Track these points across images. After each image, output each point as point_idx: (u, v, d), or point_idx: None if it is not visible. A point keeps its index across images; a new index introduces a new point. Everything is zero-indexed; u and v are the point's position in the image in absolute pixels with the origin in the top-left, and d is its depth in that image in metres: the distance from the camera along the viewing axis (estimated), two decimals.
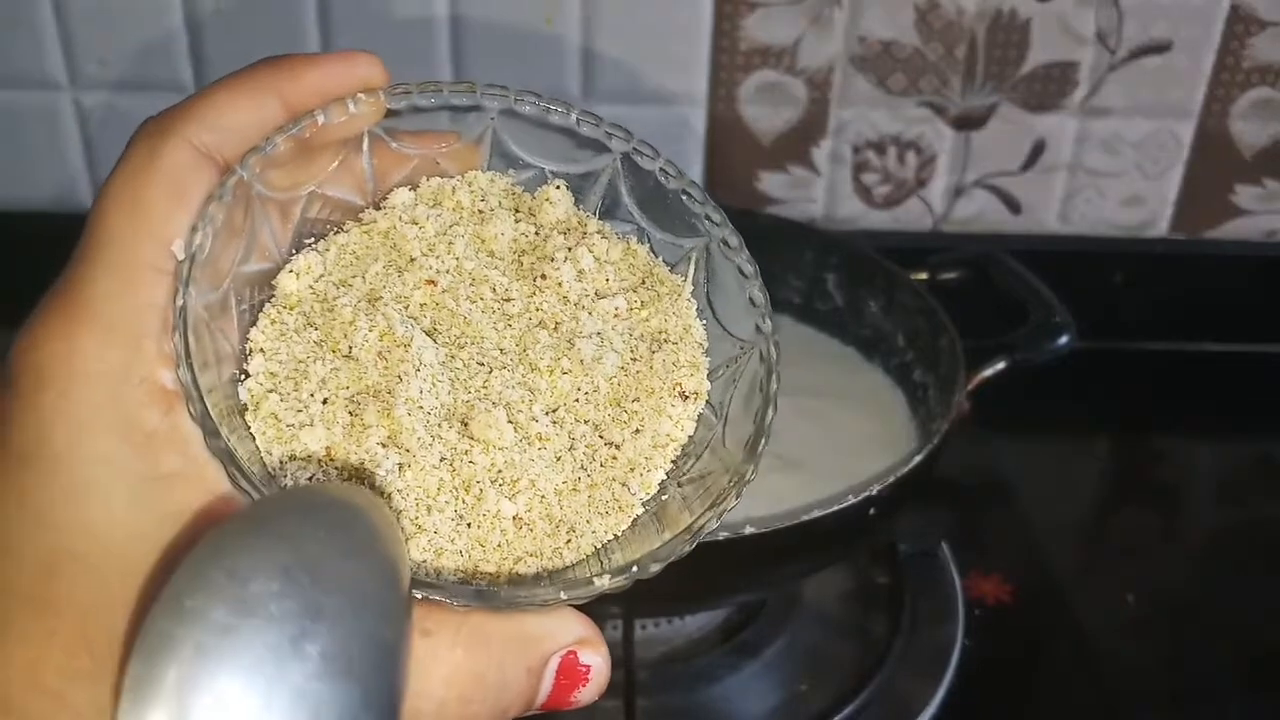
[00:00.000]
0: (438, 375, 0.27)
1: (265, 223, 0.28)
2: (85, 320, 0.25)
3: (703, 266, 0.31)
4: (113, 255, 0.25)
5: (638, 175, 0.31)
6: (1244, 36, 0.86)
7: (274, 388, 0.27)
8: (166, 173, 0.26)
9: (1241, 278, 0.94)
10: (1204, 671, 0.65)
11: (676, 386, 0.30)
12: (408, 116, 0.30)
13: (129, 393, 0.25)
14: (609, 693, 0.58)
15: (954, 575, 0.68)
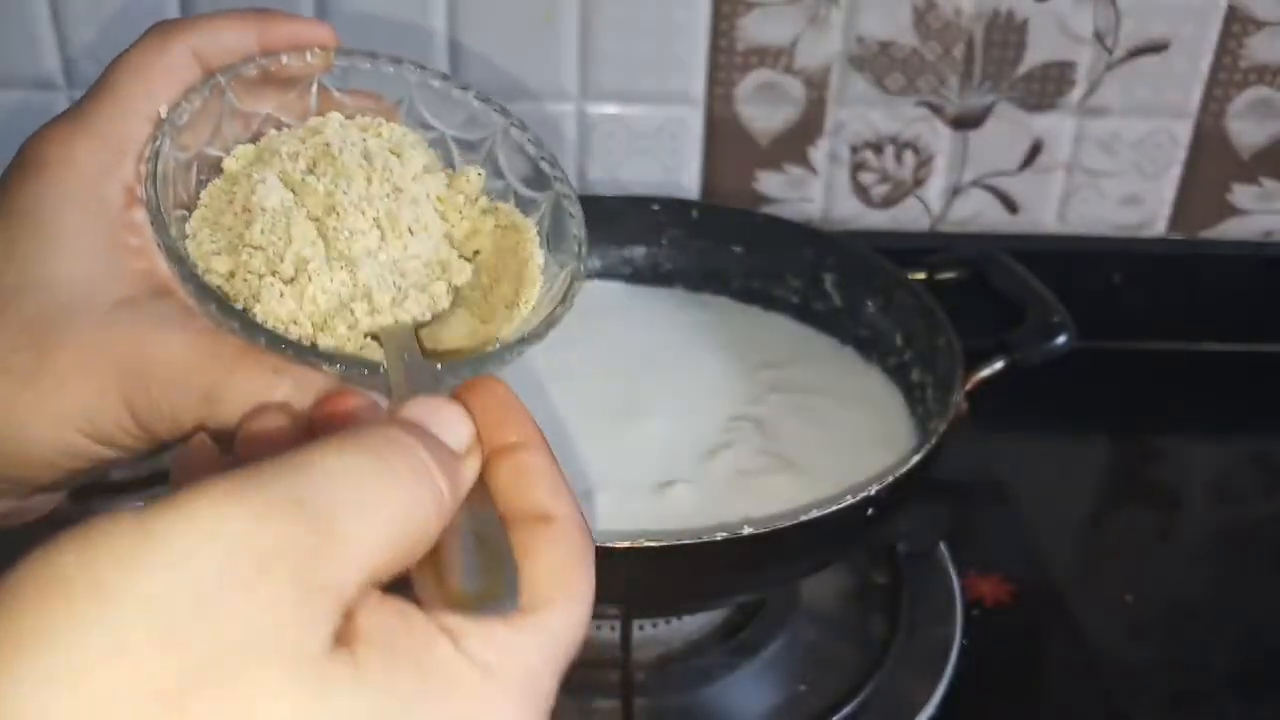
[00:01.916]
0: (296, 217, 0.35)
1: (230, 124, 0.37)
2: (85, 133, 0.34)
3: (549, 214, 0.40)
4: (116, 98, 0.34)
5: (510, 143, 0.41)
6: (1241, 36, 0.86)
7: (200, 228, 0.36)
8: (168, 57, 0.35)
9: (1239, 277, 0.94)
10: (1203, 671, 0.65)
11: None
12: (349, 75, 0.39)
13: (109, 186, 0.34)
14: (607, 693, 0.58)
15: (952, 575, 0.68)
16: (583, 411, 0.64)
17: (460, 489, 0.27)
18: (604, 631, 0.61)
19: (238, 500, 0.22)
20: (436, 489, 0.26)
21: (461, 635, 0.25)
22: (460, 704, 0.24)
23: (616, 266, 0.79)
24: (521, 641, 0.26)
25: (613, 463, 0.60)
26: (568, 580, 0.27)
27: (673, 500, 0.58)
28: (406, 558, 0.25)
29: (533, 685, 0.26)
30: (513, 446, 0.29)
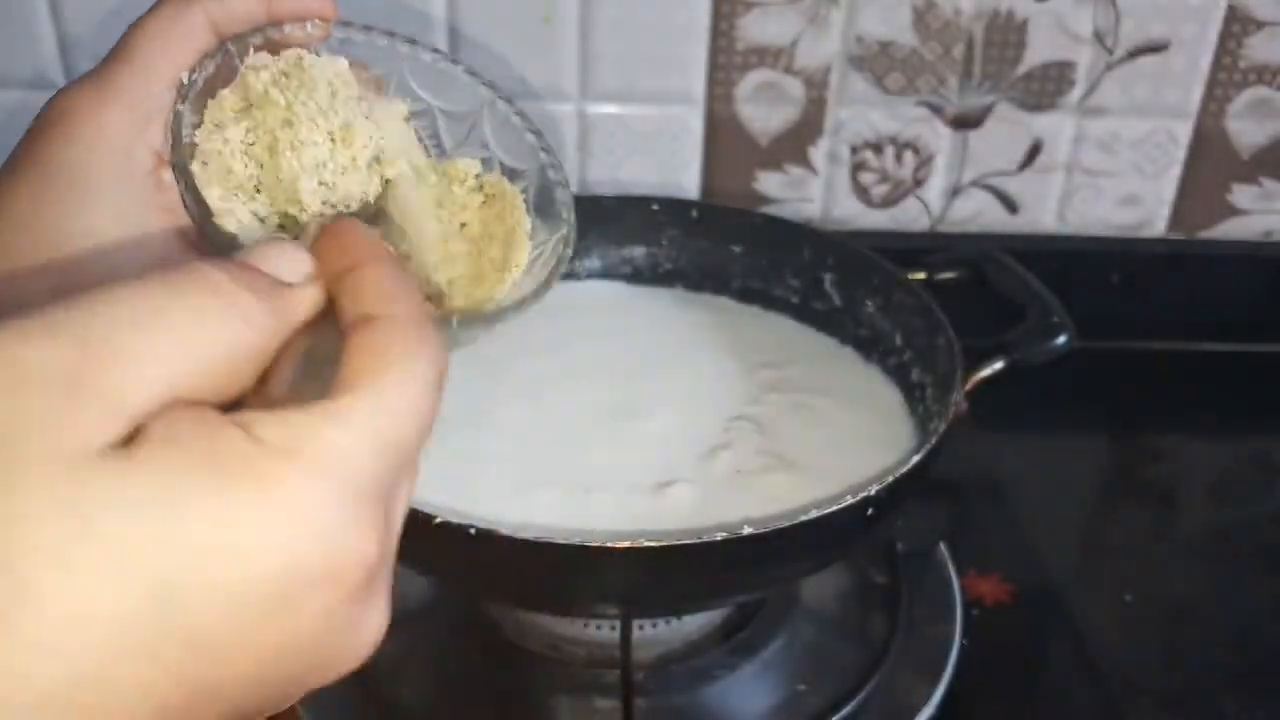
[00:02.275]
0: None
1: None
2: (111, 98, 0.35)
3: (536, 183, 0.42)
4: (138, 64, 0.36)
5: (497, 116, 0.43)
6: (1241, 36, 0.86)
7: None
8: (186, 23, 0.37)
9: (1239, 277, 0.94)
10: (1202, 670, 0.66)
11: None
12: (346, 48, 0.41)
13: (137, 149, 0.35)
14: (607, 693, 0.58)
15: (952, 575, 0.68)
16: (583, 411, 0.64)
17: (290, 314, 0.27)
18: (604, 631, 0.61)
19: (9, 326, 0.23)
20: (249, 308, 0.26)
21: (252, 423, 0.24)
22: (247, 482, 0.23)
23: (616, 266, 0.79)
24: (320, 423, 0.25)
25: (612, 462, 0.60)
26: (381, 365, 0.26)
27: (672, 500, 0.58)
28: (222, 377, 0.25)
29: (339, 468, 0.25)
30: (350, 265, 0.28)
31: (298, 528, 0.24)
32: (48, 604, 0.21)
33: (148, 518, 0.22)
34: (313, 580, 0.24)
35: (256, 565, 0.23)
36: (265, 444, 0.24)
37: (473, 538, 0.48)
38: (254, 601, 0.23)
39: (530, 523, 0.51)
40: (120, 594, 0.22)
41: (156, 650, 0.22)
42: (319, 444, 0.24)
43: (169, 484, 0.23)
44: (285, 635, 0.24)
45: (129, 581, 0.22)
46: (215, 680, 0.24)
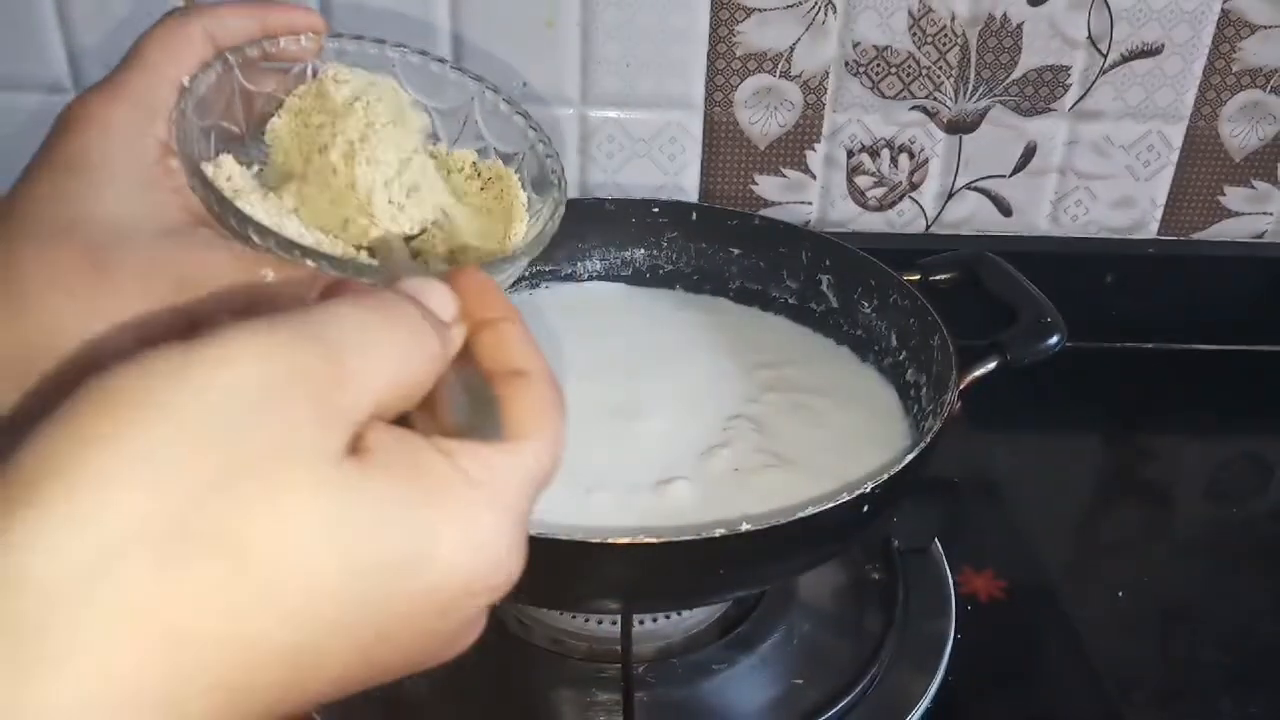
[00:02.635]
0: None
1: (236, 101, 0.42)
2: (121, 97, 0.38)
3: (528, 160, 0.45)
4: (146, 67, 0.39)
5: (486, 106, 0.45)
6: (1234, 40, 0.87)
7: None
8: (186, 37, 0.39)
9: (1231, 279, 0.95)
10: (1194, 667, 0.66)
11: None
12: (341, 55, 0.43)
13: (144, 140, 0.38)
14: (607, 686, 0.59)
15: (947, 571, 0.68)
16: (583, 411, 0.64)
17: (450, 348, 0.31)
18: (604, 626, 0.62)
19: (266, 334, 0.26)
20: (431, 342, 0.30)
21: (451, 451, 0.29)
22: (450, 503, 0.28)
23: (617, 268, 0.79)
24: (503, 461, 0.30)
25: (613, 461, 0.61)
26: (541, 419, 0.31)
27: (672, 497, 0.59)
28: (406, 398, 0.29)
29: (512, 500, 0.30)
30: (493, 319, 0.32)
31: (481, 547, 0.29)
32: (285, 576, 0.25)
33: (376, 523, 0.26)
34: (477, 588, 0.29)
35: (447, 573, 0.28)
36: (466, 475, 0.29)
37: None
38: (436, 600, 0.28)
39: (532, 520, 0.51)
40: (340, 578, 0.26)
41: (352, 627, 0.26)
42: (504, 479, 0.29)
43: (394, 499, 0.27)
44: (439, 628, 0.29)
45: (349, 570, 0.26)
46: (379, 658, 0.28)
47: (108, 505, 0.23)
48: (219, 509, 0.24)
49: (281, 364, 0.26)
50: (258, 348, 0.26)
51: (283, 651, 0.25)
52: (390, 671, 0.29)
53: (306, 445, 0.26)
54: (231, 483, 0.24)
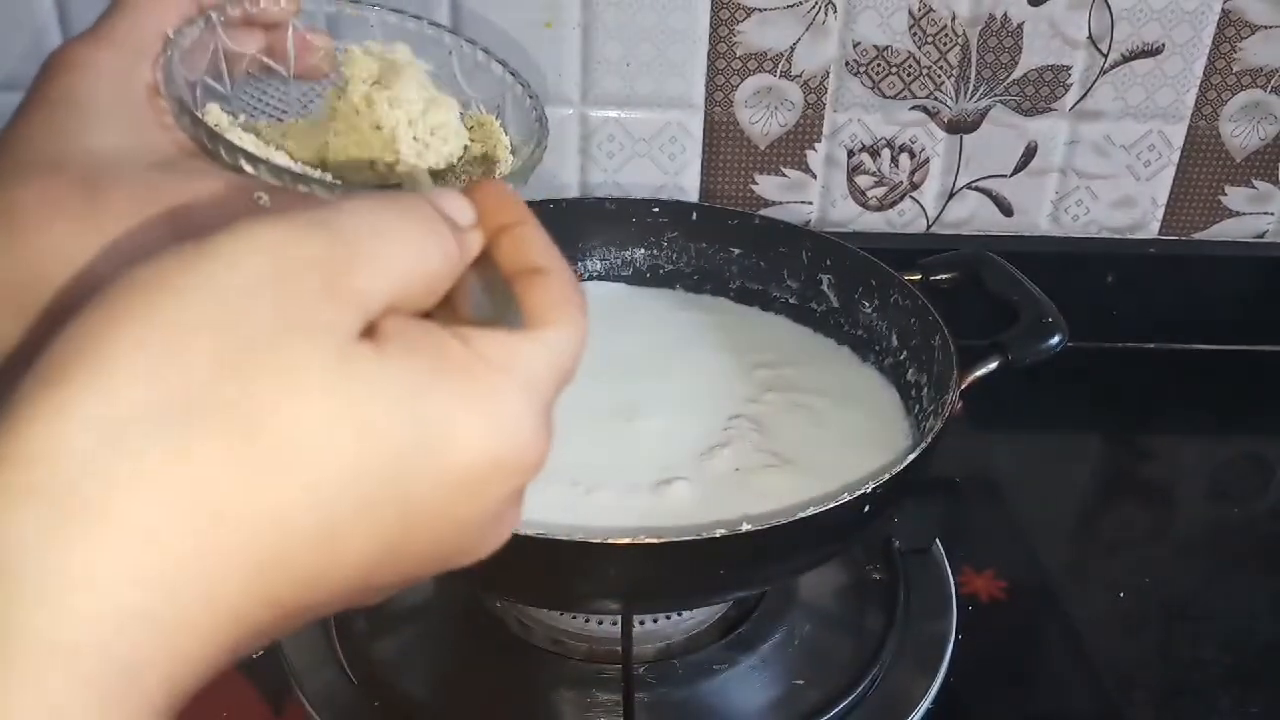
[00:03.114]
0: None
1: (220, 59, 0.42)
2: (106, 42, 0.38)
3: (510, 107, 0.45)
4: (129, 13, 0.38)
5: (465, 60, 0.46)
6: (1235, 40, 0.87)
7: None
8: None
9: (1232, 278, 0.95)
10: (1195, 667, 0.66)
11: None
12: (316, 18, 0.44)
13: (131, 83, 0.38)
14: (607, 687, 0.59)
15: (948, 571, 0.68)
16: (583, 410, 0.64)
17: (468, 251, 0.31)
18: (605, 626, 0.62)
19: (278, 223, 0.27)
20: (447, 239, 0.30)
21: (471, 337, 0.29)
22: (468, 384, 0.28)
23: (617, 268, 0.80)
24: (523, 346, 0.30)
25: (613, 461, 0.61)
26: (562, 309, 0.31)
27: (672, 497, 0.59)
28: (423, 294, 0.30)
29: (535, 385, 0.30)
30: (510, 224, 0.32)
31: (504, 430, 0.29)
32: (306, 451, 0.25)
33: (394, 403, 0.27)
34: (503, 471, 0.29)
35: (470, 456, 0.28)
36: (485, 358, 0.29)
37: None
38: (460, 483, 0.28)
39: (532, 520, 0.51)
40: (362, 458, 0.26)
41: (376, 509, 0.27)
42: (525, 364, 0.29)
43: (411, 380, 0.27)
44: (467, 515, 0.29)
45: (371, 451, 0.26)
46: (405, 546, 0.28)
47: (125, 383, 0.24)
48: (232, 385, 0.25)
49: (292, 249, 0.26)
50: (269, 236, 0.27)
51: (307, 529, 0.25)
52: (422, 563, 0.29)
53: (318, 324, 0.26)
54: (243, 359, 0.25)
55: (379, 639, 0.63)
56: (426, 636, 0.65)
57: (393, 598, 0.68)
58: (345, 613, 0.63)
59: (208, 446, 0.24)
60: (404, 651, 0.63)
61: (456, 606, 0.65)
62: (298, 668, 0.60)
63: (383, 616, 0.65)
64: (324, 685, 0.60)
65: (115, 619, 0.23)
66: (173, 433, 0.24)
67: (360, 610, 0.64)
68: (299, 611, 0.27)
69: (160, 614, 0.24)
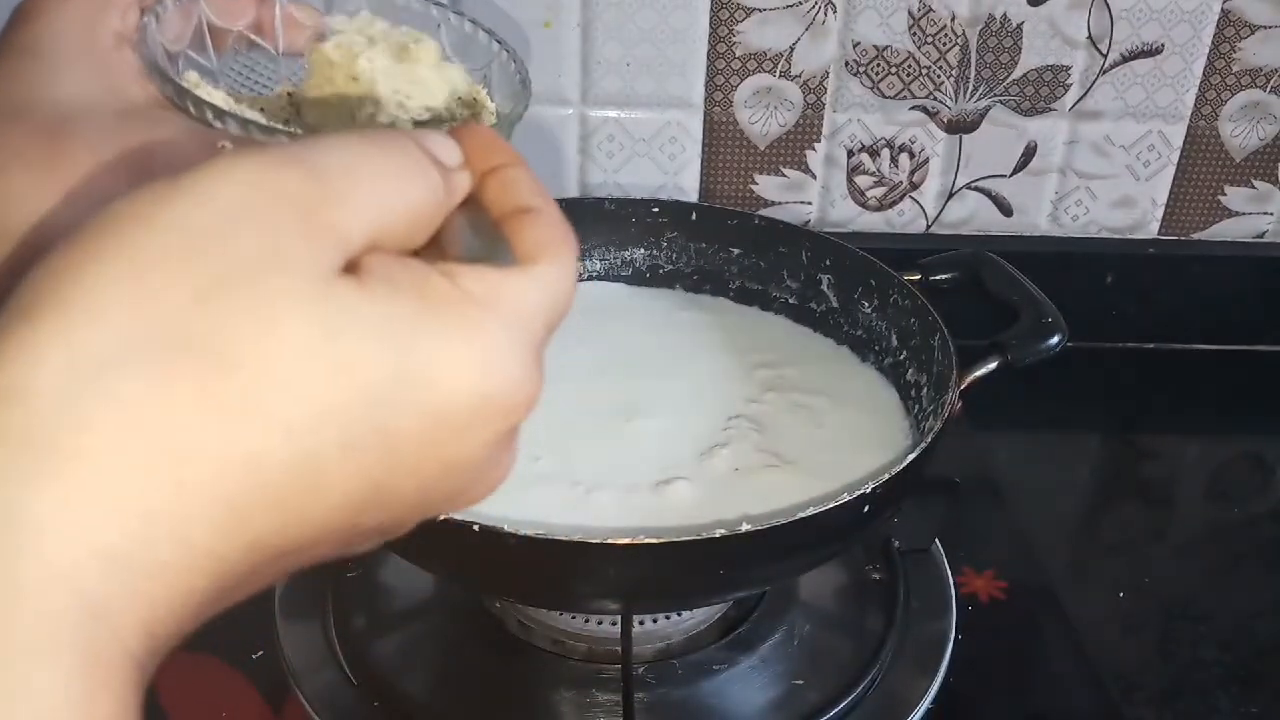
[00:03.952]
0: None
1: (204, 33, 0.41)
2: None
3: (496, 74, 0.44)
4: None
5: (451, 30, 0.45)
6: (1234, 40, 0.87)
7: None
8: None
9: (1231, 279, 0.95)
10: (1194, 667, 0.66)
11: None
12: None
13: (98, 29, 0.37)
14: (607, 687, 0.59)
15: (947, 571, 0.68)
16: (583, 411, 0.65)
17: (453, 190, 0.30)
18: (604, 627, 0.62)
19: (254, 157, 0.26)
20: (431, 176, 0.29)
21: (456, 273, 0.28)
22: (453, 320, 0.27)
23: (617, 268, 0.80)
24: (511, 282, 0.29)
25: (613, 461, 0.61)
26: (551, 247, 0.31)
27: (672, 498, 0.59)
28: (407, 232, 0.29)
29: (522, 321, 0.29)
30: (497, 166, 0.32)
31: (489, 365, 0.28)
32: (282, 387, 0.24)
33: (375, 338, 0.26)
34: (490, 410, 0.28)
35: (454, 392, 0.27)
36: (470, 294, 0.28)
37: (476, 535, 0.48)
38: (445, 421, 0.27)
39: (533, 520, 0.51)
40: (341, 394, 0.25)
41: (358, 447, 0.26)
42: (512, 301, 0.29)
43: (392, 315, 0.26)
44: (455, 457, 0.28)
45: (350, 386, 0.25)
46: (391, 487, 0.27)
47: (96, 320, 0.23)
48: (206, 319, 0.24)
49: (267, 184, 0.26)
50: (243, 170, 0.26)
51: (285, 467, 0.25)
52: (412, 505, 0.29)
53: (294, 258, 0.25)
54: (217, 294, 0.24)
55: (379, 639, 0.63)
56: (426, 636, 0.65)
57: (393, 598, 0.68)
58: (346, 610, 0.63)
59: (181, 383, 0.24)
60: (404, 651, 0.63)
61: (456, 606, 0.65)
62: (298, 668, 0.60)
63: (383, 616, 0.65)
64: (324, 685, 0.60)
65: (86, 561, 0.22)
66: (145, 370, 0.23)
67: (360, 610, 0.64)
68: (283, 554, 0.26)
69: (133, 555, 0.23)
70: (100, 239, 0.25)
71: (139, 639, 0.23)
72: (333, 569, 0.65)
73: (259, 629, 0.63)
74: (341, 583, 0.65)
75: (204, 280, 0.24)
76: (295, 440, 0.25)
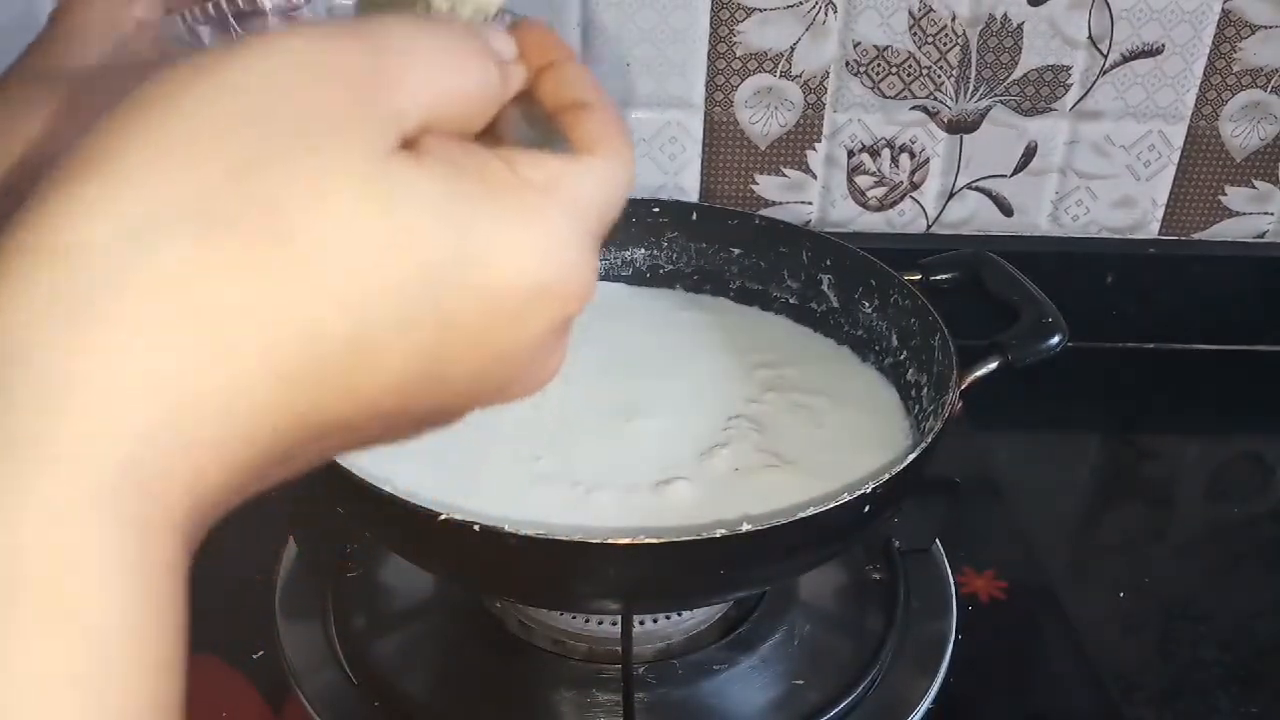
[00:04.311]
0: None
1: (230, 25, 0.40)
2: None
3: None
4: None
5: None
6: (1235, 40, 0.87)
7: None
8: None
9: (1232, 279, 0.95)
10: (1195, 667, 0.66)
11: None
12: None
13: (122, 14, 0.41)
14: (607, 687, 0.59)
15: (947, 571, 0.68)
16: (583, 410, 0.65)
17: (509, 80, 0.30)
18: (604, 627, 0.62)
19: (308, 30, 0.26)
20: (487, 62, 0.29)
21: (515, 160, 0.28)
22: (511, 203, 0.27)
23: (617, 268, 0.80)
24: (569, 170, 0.29)
25: (613, 461, 0.61)
26: (607, 139, 0.30)
27: (672, 498, 0.59)
28: (461, 116, 0.28)
29: (580, 211, 0.29)
30: (553, 62, 0.32)
31: (548, 252, 0.27)
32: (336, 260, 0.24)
33: (433, 215, 0.25)
34: (547, 297, 0.28)
35: (512, 275, 0.27)
36: (529, 180, 0.27)
37: (477, 535, 0.48)
38: (501, 306, 0.27)
39: (533, 520, 0.51)
40: (398, 270, 0.25)
41: (413, 325, 0.25)
42: (571, 188, 0.28)
43: (451, 193, 0.26)
44: (511, 342, 0.28)
45: (408, 263, 0.25)
46: (444, 369, 0.27)
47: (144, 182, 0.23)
48: (258, 187, 0.23)
49: (321, 55, 0.25)
50: (297, 42, 0.25)
51: (337, 338, 0.24)
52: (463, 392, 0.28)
53: (349, 131, 0.25)
54: (270, 161, 0.24)
55: (379, 639, 0.63)
56: (426, 636, 0.65)
57: (393, 598, 0.68)
58: (346, 610, 0.63)
59: (231, 248, 0.23)
60: (404, 651, 0.63)
61: (456, 606, 0.65)
62: (298, 668, 0.60)
63: (383, 616, 0.65)
64: (324, 685, 0.60)
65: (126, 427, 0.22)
66: (194, 232, 0.22)
67: (361, 610, 0.64)
68: (329, 431, 0.26)
69: (177, 423, 0.22)
70: (148, 106, 0.24)
71: (184, 509, 0.23)
72: (333, 570, 0.65)
73: (259, 629, 0.63)
74: (342, 583, 0.65)
75: (253, 147, 0.24)
76: (350, 313, 0.24)
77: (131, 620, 0.21)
